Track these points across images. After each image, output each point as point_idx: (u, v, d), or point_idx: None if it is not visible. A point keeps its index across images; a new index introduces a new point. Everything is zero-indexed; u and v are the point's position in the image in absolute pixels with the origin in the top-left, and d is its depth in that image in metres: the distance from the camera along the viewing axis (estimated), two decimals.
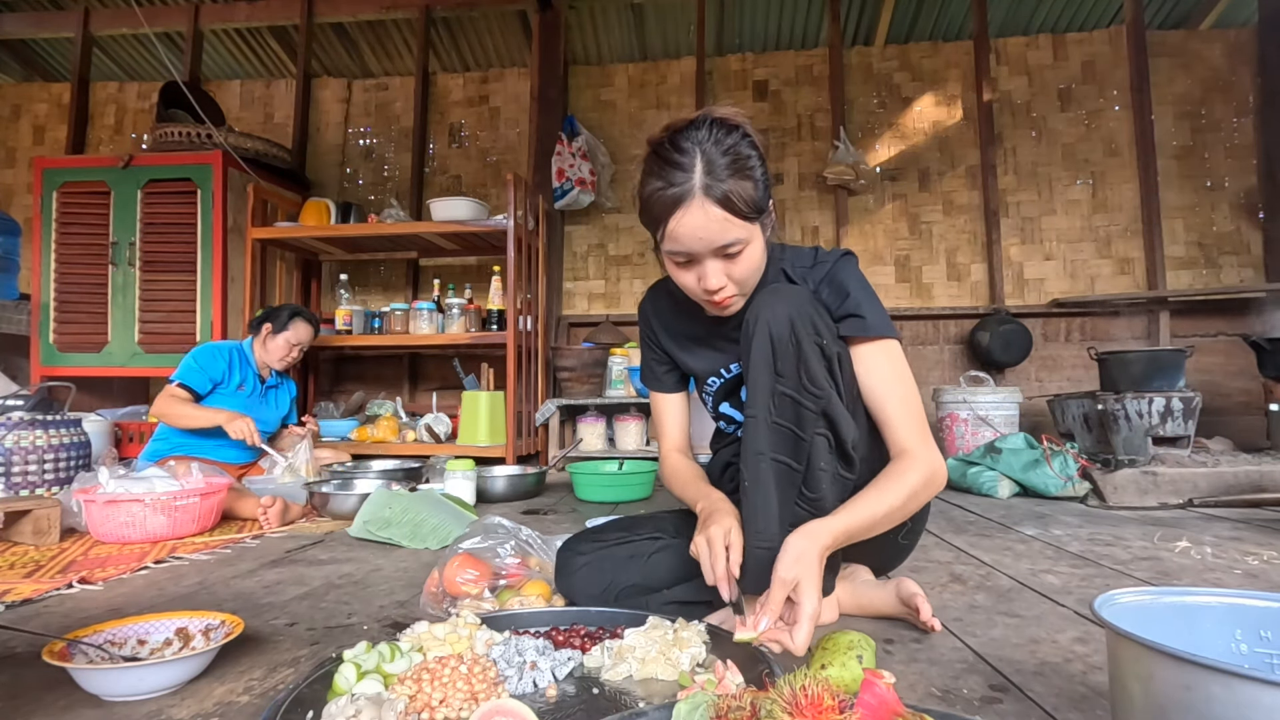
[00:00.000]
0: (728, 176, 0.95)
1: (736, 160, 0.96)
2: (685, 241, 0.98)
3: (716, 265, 1.00)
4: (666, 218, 0.98)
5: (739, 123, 1.00)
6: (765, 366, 0.99)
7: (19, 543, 1.87)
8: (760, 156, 1.00)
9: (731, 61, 4.29)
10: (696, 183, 0.95)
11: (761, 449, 0.99)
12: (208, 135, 3.57)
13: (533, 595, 1.21)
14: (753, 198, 0.97)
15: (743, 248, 0.99)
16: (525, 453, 3.41)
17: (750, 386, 1.02)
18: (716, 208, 0.95)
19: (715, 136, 0.96)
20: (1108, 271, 3.89)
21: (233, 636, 0.97)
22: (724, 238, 0.97)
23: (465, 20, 4.26)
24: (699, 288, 1.03)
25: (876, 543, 1.16)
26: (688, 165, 0.95)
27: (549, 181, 3.93)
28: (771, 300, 1.00)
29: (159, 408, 2.41)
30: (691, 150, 0.96)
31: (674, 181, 0.96)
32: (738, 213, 0.96)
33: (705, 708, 0.63)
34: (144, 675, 0.88)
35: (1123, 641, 0.59)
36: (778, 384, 0.99)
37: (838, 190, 4.03)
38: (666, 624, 0.98)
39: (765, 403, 1.00)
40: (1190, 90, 3.92)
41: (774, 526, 0.97)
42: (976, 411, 3.03)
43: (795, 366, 0.98)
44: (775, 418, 0.99)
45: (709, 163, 0.95)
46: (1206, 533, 1.86)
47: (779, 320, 0.98)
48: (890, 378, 1.05)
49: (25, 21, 4.42)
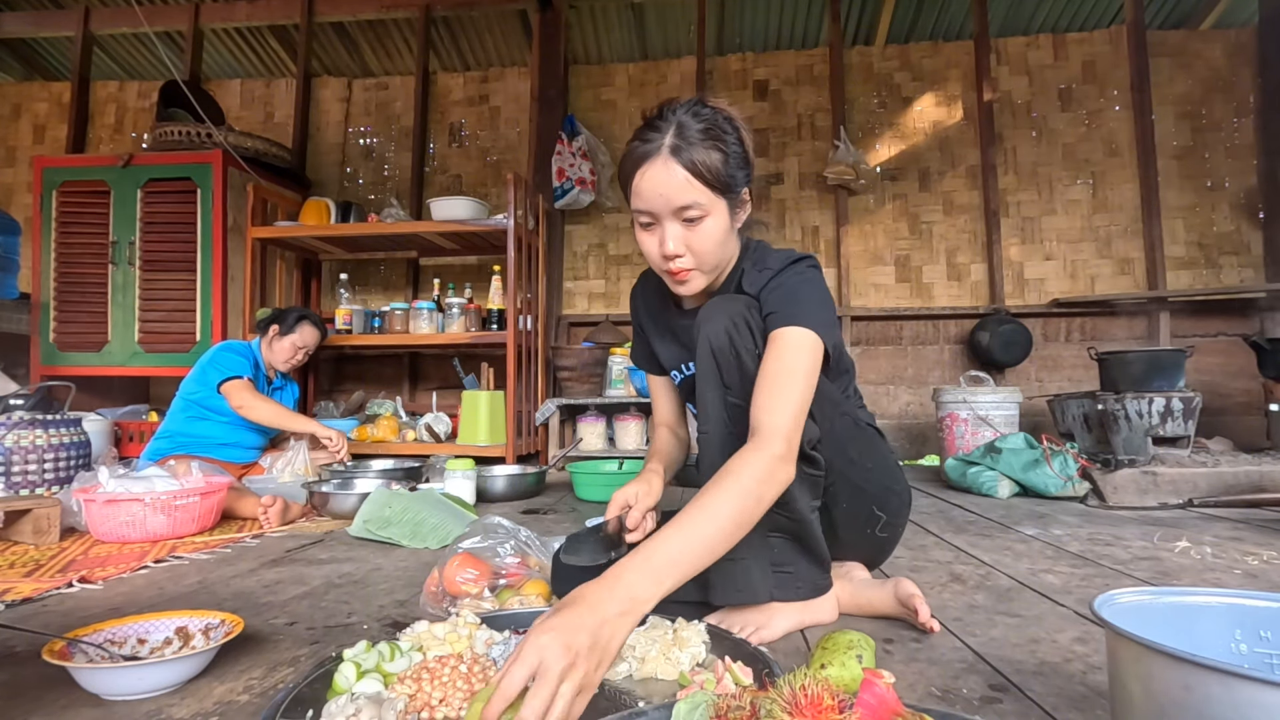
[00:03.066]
0: (696, 143, 1.02)
1: (707, 131, 1.03)
2: (647, 197, 1.04)
3: (676, 229, 1.05)
4: (634, 172, 1.05)
5: (722, 107, 1.07)
6: (713, 381, 1.04)
7: (19, 542, 1.87)
8: (738, 139, 1.06)
9: (732, 61, 4.29)
10: (666, 142, 1.02)
11: (717, 462, 0.97)
12: (208, 134, 3.57)
13: (533, 595, 1.21)
14: (718, 169, 1.02)
15: (702, 215, 1.04)
16: (525, 452, 3.41)
17: (700, 403, 1.07)
18: (679, 167, 1.01)
19: (694, 110, 1.04)
20: (1108, 271, 3.89)
21: (232, 636, 0.97)
22: (682, 197, 1.02)
23: (465, 20, 4.26)
24: (658, 253, 1.07)
25: (850, 539, 1.22)
26: (662, 128, 1.03)
27: (549, 181, 3.93)
28: (713, 313, 1.05)
29: (245, 400, 2.45)
30: (669, 118, 1.04)
31: (646, 139, 1.04)
32: (700, 177, 1.01)
33: (705, 707, 0.63)
34: (144, 674, 0.88)
35: (1122, 641, 0.59)
36: (727, 395, 1.03)
37: (838, 190, 4.03)
38: (666, 624, 0.98)
39: (718, 415, 1.04)
40: (1190, 90, 3.92)
41: None
42: (976, 411, 3.03)
43: (738, 376, 1.02)
44: (732, 428, 1.03)
45: (680, 127, 1.03)
46: (1206, 533, 1.86)
47: (718, 333, 1.03)
48: (776, 357, 1.00)
49: (25, 20, 4.42)
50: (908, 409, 3.91)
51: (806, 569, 1.11)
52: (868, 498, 1.19)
